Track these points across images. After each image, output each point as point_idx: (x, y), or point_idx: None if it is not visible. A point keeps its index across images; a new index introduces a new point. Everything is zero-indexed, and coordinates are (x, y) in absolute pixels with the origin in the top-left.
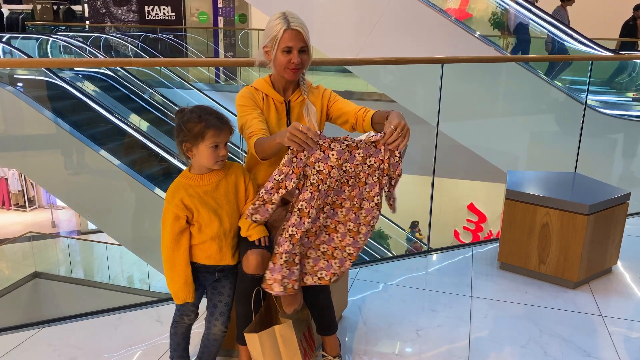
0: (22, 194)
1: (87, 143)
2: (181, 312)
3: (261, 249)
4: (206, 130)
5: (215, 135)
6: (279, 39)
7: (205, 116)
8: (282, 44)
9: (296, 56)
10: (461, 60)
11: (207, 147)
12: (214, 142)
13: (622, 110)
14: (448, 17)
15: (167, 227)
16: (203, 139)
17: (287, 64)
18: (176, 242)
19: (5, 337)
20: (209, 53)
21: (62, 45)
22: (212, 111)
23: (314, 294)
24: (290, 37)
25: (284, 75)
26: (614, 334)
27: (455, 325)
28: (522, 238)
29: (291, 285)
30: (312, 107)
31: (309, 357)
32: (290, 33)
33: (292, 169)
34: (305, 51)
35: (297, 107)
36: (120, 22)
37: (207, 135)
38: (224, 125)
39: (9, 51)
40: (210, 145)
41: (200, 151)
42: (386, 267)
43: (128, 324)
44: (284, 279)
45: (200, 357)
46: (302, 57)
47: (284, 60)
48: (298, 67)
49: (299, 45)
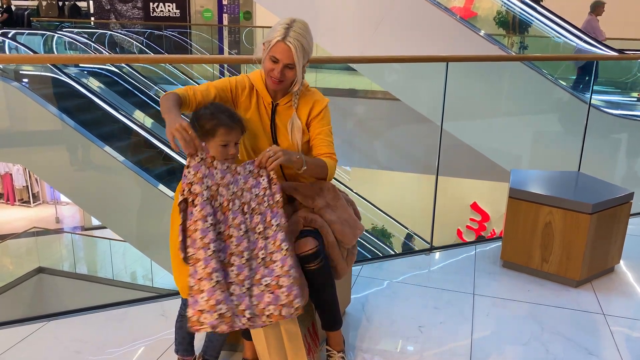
0: (26, 189)
1: (92, 139)
2: (187, 306)
3: None
4: (217, 129)
5: (226, 134)
6: (271, 46)
7: (218, 114)
8: (271, 52)
9: (279, 69)
10: (466, 59)
11: (217, 145)
12: (224, 141)
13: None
14: (453, 15)
15: (177, 221)
16: (214, 137)
17: (270, 71)
18: None
19: (11, 330)
20: (213, 50)
21: (67, 42)
22: (224, 109)
23: (319, 289)
24: (281, 50)
25: (266, 80)
26: (616, 333)
27: (457, 323)
28: (525, 237)
29: (230, 314)
30: (298, 121)
31: (313, 352)
32: (281, 46)
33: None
34: (292, 68)
35: (283, 113)
36: (125, 19)
37: (218, 133)
38: (235, 125)
39: (15, 47)
40: (220, 143)
41: (211, 148)
42: (389, 265)
43: (133, 318)
44: (218, 305)
45: (204, 352)
46: (287, 73)
47: (268, 67)
48: (279, 80)
49: (285, 61)
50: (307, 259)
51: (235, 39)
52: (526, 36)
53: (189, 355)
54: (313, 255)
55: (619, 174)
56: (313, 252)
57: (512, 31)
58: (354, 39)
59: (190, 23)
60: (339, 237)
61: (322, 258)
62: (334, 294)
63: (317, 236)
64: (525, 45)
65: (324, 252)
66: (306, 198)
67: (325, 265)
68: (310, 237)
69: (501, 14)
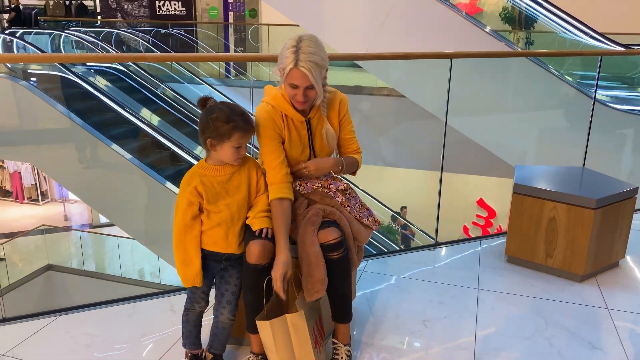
0: (35, 187)
1: (99, 137)
2: (192, 300)
3: (263, 240)
4: (234, 132)
5: (241, 137)
6: (286, 74)
7: (233, 117)
8: (289, 79)
9: (301, 94)
10: (470, 55)
11: (231, 147)
12: (239, 144)
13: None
14: (459, 12)
15: (180, 212)
16: (229, 139)
17: (293, 97)
18: (188, 227)
19: (23, 325)
20: (219, 48)
21: (74, 41)
22: (239, 111)
23: (338, 279)
24: (297, 76)
25: (293, 102)
26: (620, 327)
27: (462, 318)
28: (529, 232)
29: None
30: (331, 130)
31: (319, 345)
32: (296, 73)
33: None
34: (313, 88)
35: (318, 126)
36: (132, 18)
37: (234, 137)
38: (250, 128)
39: (23, 46)
40: (235, 145)
41: (224, 149)
42: (394, 260)
43: (141, 313)
44: None
45: (210, 345)
46: (308, 93)
47: (290, 93)
48: (305, 101)
49: (304, 85)
50: (331, 248)
51: (241, 36)
52: (532, 32)
53: (197, 348)
54: (338, 244)
55: (625, 169)
56: (337, 242)
57: (517, 27)
58: (360, 36)
59: (196, 21)
60: (355, 234)
61: (345, 248)
62: (349, 286)
63: (339, 227)
64: (531, 40)
65: (346, 242)
66: (324, 197)
67: (346, 256)
68: (333, 226)
69: (507, 10)
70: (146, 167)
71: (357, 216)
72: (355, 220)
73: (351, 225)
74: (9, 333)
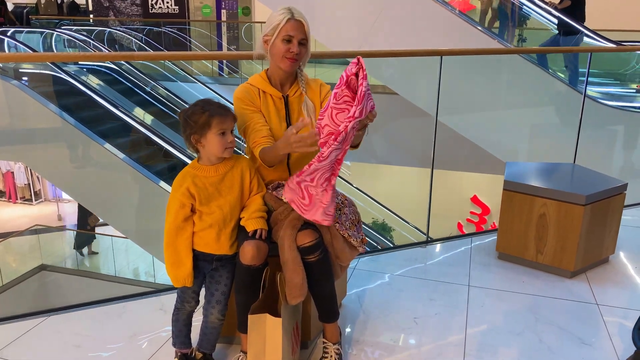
0: (28, 187)
1: (92, 136)
2: (182, 299)
3: (257, 241)
4: (211, 119)
5: (221, 122)
6: (281, 27)
7: (207, 106)
8: (283, 32)
9: (295, 46)
10: (459, 53)
11: (215, 135)
12: (221, 129)
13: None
14: (452, 9)
15: (172, 214)
16: (210, 128)
17: (286, 52)
18: (180, 229)
19: (13, 325)
20: (212, 46)
21: (66, 39)
22: (213, 102)
23: (319, 281)
24: (293, 27)
25: (281, 65)
26: (609, 323)
27: (452, 314)
28: (519, 228)
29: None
30: (310, 103)
31: (294, 352)
32: (292, 23)
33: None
34: (305, 44)
35: (295, 102)
36: (124, 16)
37: (214, 123)
38: (228, 112)
39: (14, 45)
40: (218, 132)
41: (209, 140)
42: (385, 257)
43: (132, 312)
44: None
45: (200, 345)
46: (301, 49)
47: (282, 49)
48: (296, 58)
49: (299, 36)
50: (307, 251)
51: (234, 34)
52: (524, 29)
53: (186, 347)
54: (314, 247)
55: (616, 165)
56: (313, 244)
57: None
58: (352, 33)
59: (189, 19)
60: (338, 252)
61: (322, 250)
62: (332, 286)
63: (317, 229)
64: (524, 37)
65: (323, 244)
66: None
67: (325, 258)
68: (310, 228)
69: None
70: (139, 166)
71: (345, 234)
72: (341, 238)
73: (335, 243)
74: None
